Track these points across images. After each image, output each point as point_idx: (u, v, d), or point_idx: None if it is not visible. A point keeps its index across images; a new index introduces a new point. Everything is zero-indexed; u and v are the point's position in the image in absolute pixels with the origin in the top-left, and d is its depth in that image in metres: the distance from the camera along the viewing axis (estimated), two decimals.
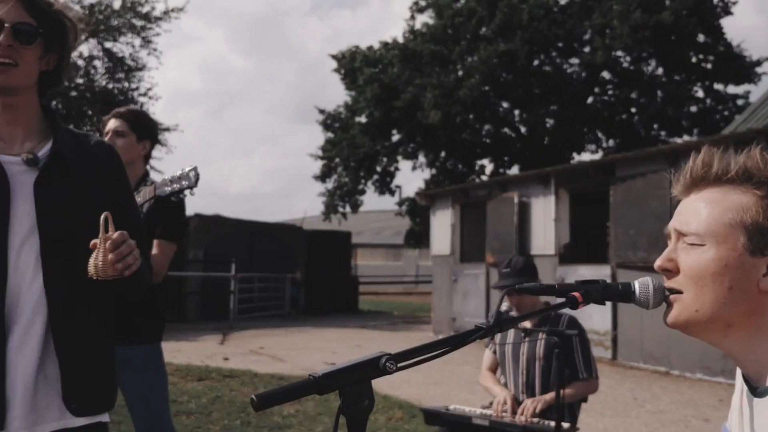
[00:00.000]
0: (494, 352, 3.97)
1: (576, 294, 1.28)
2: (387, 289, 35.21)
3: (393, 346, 10.78)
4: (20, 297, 1.64)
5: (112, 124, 3.28)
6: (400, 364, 1.07)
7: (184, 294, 17.93)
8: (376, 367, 1.06)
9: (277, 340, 13.98)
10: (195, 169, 2.94)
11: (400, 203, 26.14)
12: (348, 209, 25.65)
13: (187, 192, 2.94)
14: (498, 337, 3.87)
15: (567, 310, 4.03)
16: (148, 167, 3.45)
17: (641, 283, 1.28)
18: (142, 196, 3.01)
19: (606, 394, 8.19)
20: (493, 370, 4.00)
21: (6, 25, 1.66)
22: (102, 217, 1.62)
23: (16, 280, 1.64)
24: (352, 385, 1.04)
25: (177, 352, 11.03)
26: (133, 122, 3.29)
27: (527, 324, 3.77)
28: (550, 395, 3.53)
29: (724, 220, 1.13)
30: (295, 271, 20.10)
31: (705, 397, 8.13)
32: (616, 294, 1.30)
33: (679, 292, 1.19)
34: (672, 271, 1.21)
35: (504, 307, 3.69)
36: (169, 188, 2.91)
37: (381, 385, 8.62)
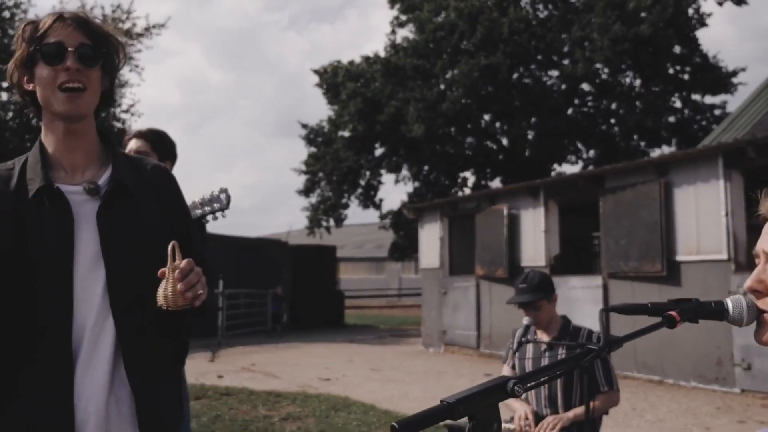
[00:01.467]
0: (513, 368, 3.97)
1: (673, 313, 1.30)
2: (370, 302, 35.17)
3: (384, 359, 10.86)
4: (86, 328, 1.62)
5: (133, 144, 3.25)
6: (527, 386, 1.08)
7: None
8: (503, 391, 1.07)
9: (268, 356, 13.91)
10: (226, 191, 2.92)
11: (383, 216, 26.16)
12: (332, 223, 25.61)
13: (219, 214, 2.92)
14: (516, 351, 3.89)
15: (586, 324, 4.07)
16: None
17: (734, 302, 1.30)
18: None
19: None
20: None
21: (69, 49, 1.64)
22: (170, 246, 1.60)
23: (82, 311, 1.62)
24: (482, 409, 1.05)
25: None
26: (155, 142, 3.26)
27: (546, 338, 3.79)
28: (572, 412, 3.55)
29: None
30: (277, 286, 20.01)
31: (702, 405, 8.20)
32: (710, 312, 1.32)
33: None
34: (762, 293, 1.23)
35: (525, 321, 3.71)
36: (200, 211, 2.89)
37: (379, 400, 8.61)
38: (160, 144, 3.26)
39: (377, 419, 7.58)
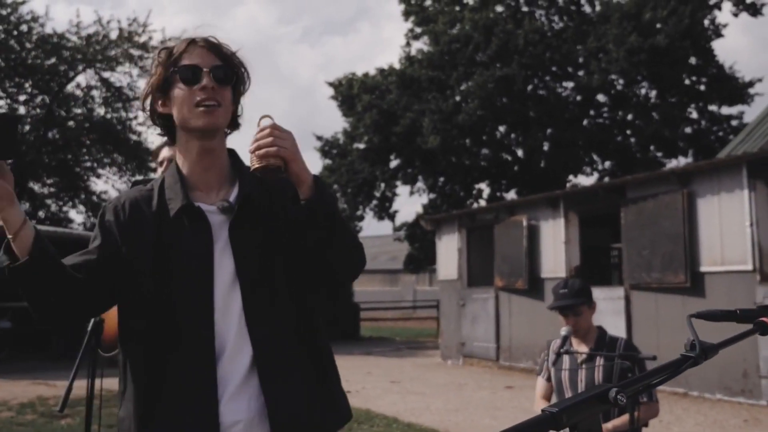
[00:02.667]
0: (548, 380, 3.92)
1: (766, 319, 1.25)
2: (385, 315, 35.05)
3: (403, 372, 10.83)
4: (226, 345, 1.67)
5: (166, 152, 3.23)
6: (629, 395, 1.04)
7: None
8: (606, 400, 1.03)
9: None
10: None
11: (398, 228, 26.12)
12: None
13: None
14: (552, 363, 3.84)
15: (622, 334, 4.01)
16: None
17: None
18: None
19: None
20: (548, 398, 3.94)
21: (205, 69, 1.72)
22: (259, 119, 1.65)
23: (222, 328, 1.67)
24: (584, 419, 1.01)
25: None
26: None
27: (583, 349, 3.74)
28: (611, 424, 3.50)
29: None
30: None
31: (729, 418, 8.09)
32: None
33: None
34: None
35: (564, 331, 3.66)
36: None
37: (401, 412, 8.54)
38: None
39: (401, 431, 7.53)
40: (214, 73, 1.73)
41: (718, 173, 9.44)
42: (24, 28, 21.74)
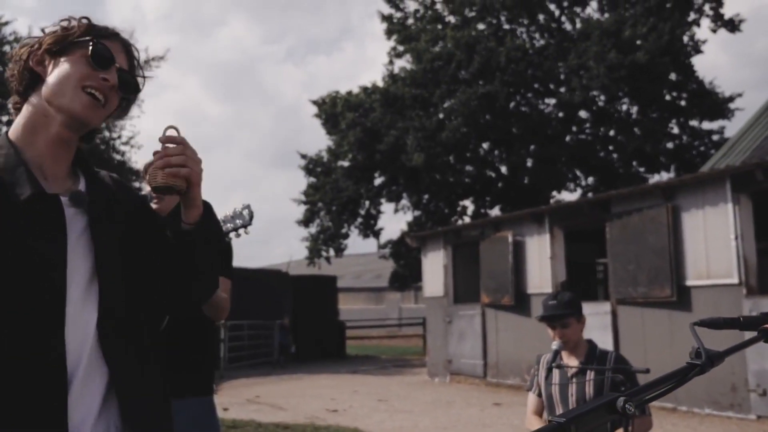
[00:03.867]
0: (539, 395, 3.88)
1: None
2: (370, 333, 34.92)
3: (390, 390, 10.74)
4: (82, 351, 1.45)
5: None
6: (637, 404, 1.02)
7: None
8: (614, 409, 1.00)
9: (272, 388, 13.73)
10: (249, 207, 2.85)
11: (383, 246, 26.08)
12: (332, 253, 25.51)
13: (241, 231, 2.84)
14: (543, 378, 3.81)
15: (612, 348, 4.00)
16: None
17: None
18: None
19: None
20: (539, 413, 3.91)
21: (117, 64, 1.57)
22: (165, 128, 1.50)
23: (75, 331, 1.44)
24: (595, 429, 0.99)
25: None
26: None
27: (573, 362, 3.72)
28: None
29: None
30: (284, 317, 19.85)
31: None
32: None
33: None
34: None
35: (555, 345, 3.63)
36: (223, 228, 2.82)
37: (390, 431, 8.46)
38: None
39: None
40: (121, 75, 1.58)
41: (703, 187, 9.50)
42: (6, 48, 21.61)
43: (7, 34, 21.74)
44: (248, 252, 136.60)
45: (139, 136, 36.45)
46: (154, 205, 3.02)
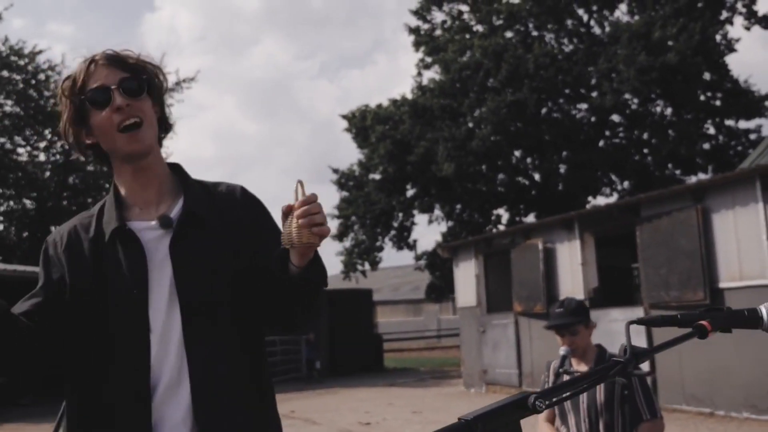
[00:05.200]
0: None
1: (704, 323, 1.23)
2: (409, 345, 34.85)
3: (425, 402, 10.74)
4: (165, 363, 1.58)
5: None
6: (548, 402, 1.03)
7: None
8: (524, 406, 1.02)
9: (307, 402, 13.79)
10: None
11: (419, 257, 26.06)
12: (367, 266, 25.56)
13: None
14: (552, 384, 3.78)
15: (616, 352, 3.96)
16: None
17: None
18: None
19: None
20: (551, 420, 3.88)
21: (113, 87, 1.63)
22: (296, 183, 1.54)
23: (161, 350, 1.59)
24: (502, 426, 1.00)
25: None
26: None
27: (582, 368, 3.69)
28: None
29: None
30: (309, 333, 19.94)
31: None
32: (743, 320, 1.26)
33: None
34: None
35: (562, 351, 3.62)
36: None
37: None
38: None
39: None
40: (123, 87, 1.63)
41: (732, 187, 9.34)
42: (42, 77, 22.23)
43: (42, 62, 22.33)
44: None
45: (172, 157, 37.15)
46: None
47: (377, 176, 24.48)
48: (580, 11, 24.98)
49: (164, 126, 1.77)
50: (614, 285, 13.73)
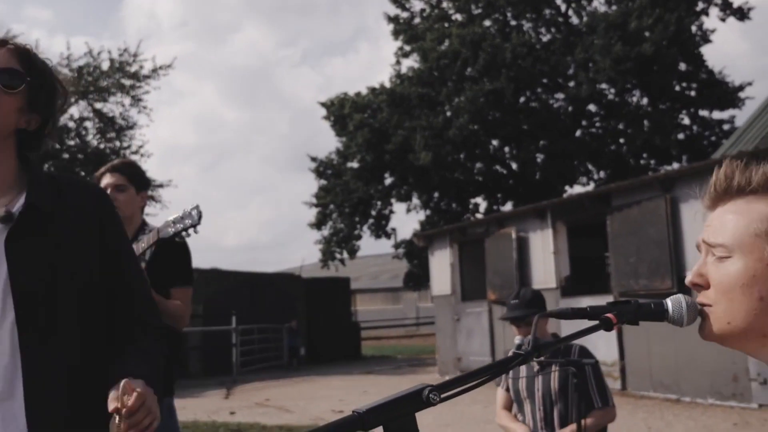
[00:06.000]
0: (507, 390, 3.92)
1: (610, 315, 1.26)
2: (388, 333, 34.99)
3: (399, 389, 10.68)
4: None
5: (108, 179, 3.22)
6: (443, 395, 1.05)
7: (186, 350, 17.77)
8: (419, 399, 1.04)
9: (283, 390, 13.82)
10: (197, 207, 2.90)
11: (397, 246, 26.12)
12: (345, 255, 25.57)
13: (191, 230, 2.90)
14: (510, 373, 3.85)
15: (577, 340, 4.02)
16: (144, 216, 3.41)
17: (674, 301, 1.27)
18: (145, 243, 2.97)
19: (619, 426, 8.06)
20: (509, 408, 3.94)
21: None
22: (121, 384, 1.42)
23: None
24: (396, 419, 1.02)
25: (182, 409, 10.82)
26: (130, 174, 3.26)
27: (539, 357, 3.74)
28: (569, 428, 3.49)
29: (750, 230, 1.11)
30: (291, 321, 19.96)
31: (719, 422, 8.04)
32: (649, 313, 1.29)
33: (709, 306, 1.18)
34: (703, 286, 1.20)
35: (517, 340, 3.67)
36: (172, 229, 2.88)
37: None
38: (135, 176, 3.28)
39: None
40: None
41: (700, 177, 9.43)
42: None
43: None
44: (269, 256, 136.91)
45: (148, 145, 36.88)
46: None
47: (355, 165, 24.46)
48: (558, 0, 25.05)
49: (33, 142, 1.67)
50: (587, 274, 13.85)
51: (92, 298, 1.60)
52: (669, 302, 1.28)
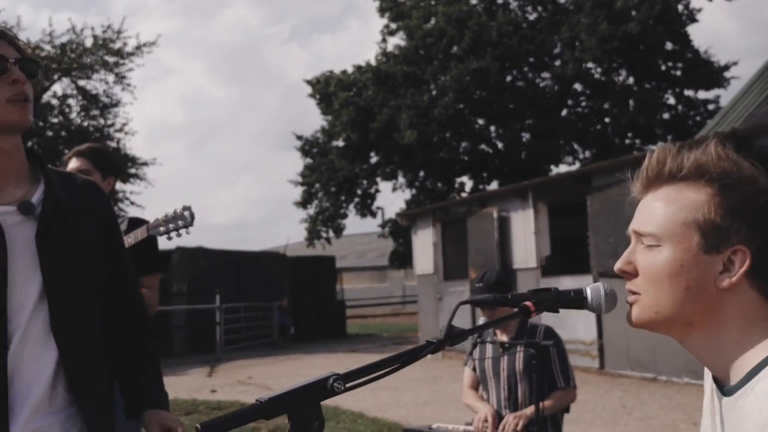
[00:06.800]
0: (474, 369, 3.95)
1: (528, 303, 1.28)
2: (375, 311, 35.10)
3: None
4: (25, 365, 1.55)
5: (74, 163, 3.20)
6: (348, 384, 1.07)
7: (170, 328, 17.79)
8: (323, 388, 1.05)
9: (266, 369, 13.88)
10: (189, 208, 2.89)
11: (383, 225, 26.16)
12: (331, 234, 25.59)
13: (183, 231, 2.89)
14: (476, 353, 3.89)
15: (543, 321, 4.05)
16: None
17: (593, 289, 1.29)
18: (133, 238, 2.96)
19: (595, 404, 8.19)
20: (475, 387, 3.98)
21: (11, 60, 1.59)
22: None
23: (21, 347, 1.55)
24: (300, 407, 1.03)
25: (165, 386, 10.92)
26: (96, 160, 3.23)
27: (505, 338, 3.78)
28: (530, 409, 3.53)
29: (678, 219, 1.11)
30: (282, 299, 20.00)
31: (693, 401, 8.14)
32: (569, 301, 1.30)
33: (637, 294, 1.19)
34: (631, 274, 1.21)
35: (481, 320, 3.69)
36: (164, 228, 2.87)
37: (369, 408, 8.58)
38: (101, 161, 3.25)
39: (365, 427, 7.56)
40: (21, 65, 1.60)
41: None
42: None
43: None
44: (257, 235, 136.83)
45: (132, 123, 36.62)
46: None
47: (340, 143, 24.39)
48: None
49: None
50: (568, 254, 13.92)
51: (104, 293, 1.72)
52: (588, 290, 1.30)
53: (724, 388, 1.11)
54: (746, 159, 1.14)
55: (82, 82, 22.39)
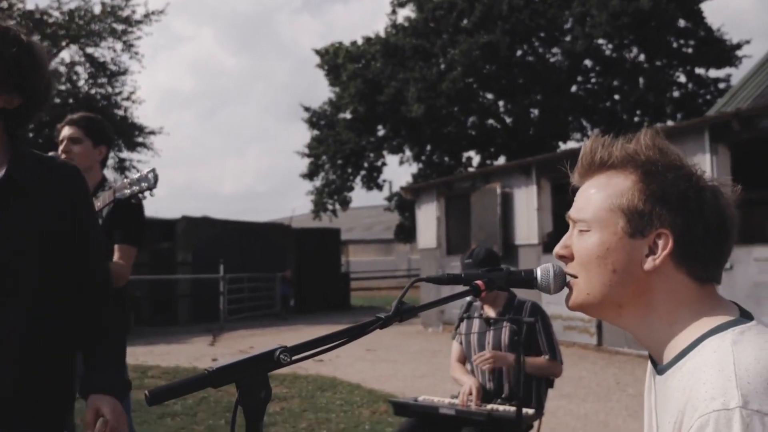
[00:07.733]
0: (461, 343, 4.01)
1: (479, 282, 1.32)
2: (380, 284, 35.23)
3: (382, 340, 10.80)
4: None
5: (66, 131, 3.26)
6: (294, 357, 1.11)
7: (175, 297, 17.96)
8: (270, 359, 1.10)
9: (268, 339, 14.01)
10: (153, 170, 2.95)
11: (389, 198, 26.17)
12: (338, 206, 25.63)
13: (146, 193, 2.95)
14: (463, 327, 3.94)
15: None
16: (105, 172, 3.46)
17: (543, 270, 1.32)
18: (101, 201, 3.02)
19: (589, 380, 8.27)
20: (462, 361, 4.05)
21: None
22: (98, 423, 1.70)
23: None
24: (248, 377, 1.08)
25: (166, 354, 11.05)
26: (87, 128, 3.29)
27: (491, 313, 3.83)
28: (512, 356, 3.56)
29: (605, 205, 1.16)
30: (286, 270, 20.11)
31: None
32: (519, 281, 1.33)
33: (575, 277, 1.23)
34: (568, 258, 1.25)
35: (468, 298, 3.74)
36: (129, 191, 2.92)
37: (367, 379, 8.69)
38: (93, 130, 3.30)
39: (361, 398, 7.66)
40: None
41: (681, 137, 9.44)
42: (5, 4, 21.63)
43: None
44: (265, 205, 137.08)
45: (140, 91, 36.57)
46: (63, 156, 3.17)
47: (348, 116, 24.34)
48: None
49: (18, 119, 1.75)
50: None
51: (56, 267, 1.73)
52: (538, 270, 1.33)
53: (658, 367, 1.16)
54: (674, 148, 1.19)
55: (90, 50, 22.38)
